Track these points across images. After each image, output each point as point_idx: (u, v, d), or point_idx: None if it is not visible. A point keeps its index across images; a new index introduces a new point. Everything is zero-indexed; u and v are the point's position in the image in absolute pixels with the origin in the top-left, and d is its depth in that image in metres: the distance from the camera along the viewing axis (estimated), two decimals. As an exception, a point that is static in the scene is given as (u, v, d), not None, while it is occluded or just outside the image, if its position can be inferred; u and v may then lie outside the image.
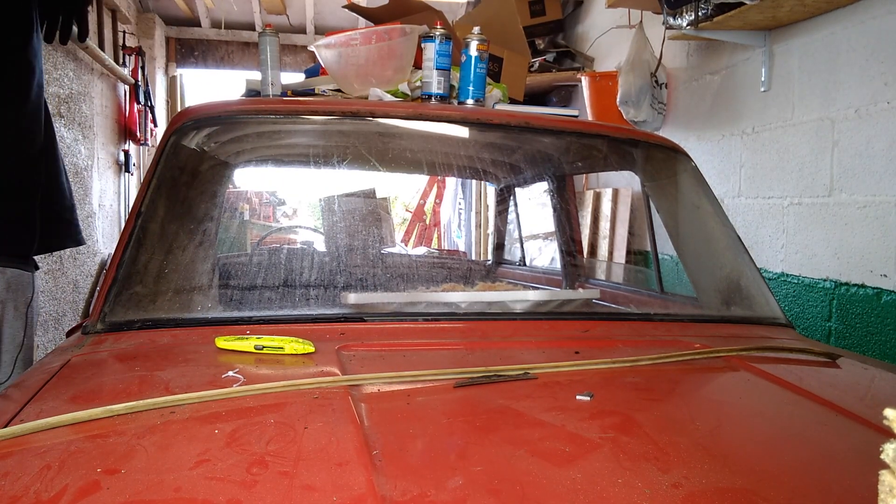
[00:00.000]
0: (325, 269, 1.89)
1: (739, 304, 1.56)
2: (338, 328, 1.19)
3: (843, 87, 2.19)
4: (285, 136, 1.78)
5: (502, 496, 0.61)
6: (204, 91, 9.16)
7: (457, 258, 3.98)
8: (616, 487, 0.63)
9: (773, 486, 0.66)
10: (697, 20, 2.44)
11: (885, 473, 0.42)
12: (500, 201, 2.94)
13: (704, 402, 0.97)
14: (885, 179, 2.03)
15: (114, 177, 5.44)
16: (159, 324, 1.18)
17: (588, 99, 3.43)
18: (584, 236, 3.70)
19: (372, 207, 2.55)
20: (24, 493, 0.59)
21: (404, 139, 1.79)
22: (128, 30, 5.68)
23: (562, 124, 1.63)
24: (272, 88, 1.66)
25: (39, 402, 0.82)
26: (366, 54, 1.65)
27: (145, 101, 5.83)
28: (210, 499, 0.58)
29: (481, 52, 1.62)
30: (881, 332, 2.04)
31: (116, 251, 1.28)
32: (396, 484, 0.62)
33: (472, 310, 1.36)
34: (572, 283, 2.42)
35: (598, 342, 1.22)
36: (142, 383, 0.90)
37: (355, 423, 0.75)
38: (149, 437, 0.71)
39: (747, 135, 2.68)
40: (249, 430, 0.73)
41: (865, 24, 2.10)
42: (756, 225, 2.62)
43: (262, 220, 5.87)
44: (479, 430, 0.76)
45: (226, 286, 1.59)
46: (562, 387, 0.93)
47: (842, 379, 1.12)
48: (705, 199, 1.68)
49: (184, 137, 1.45)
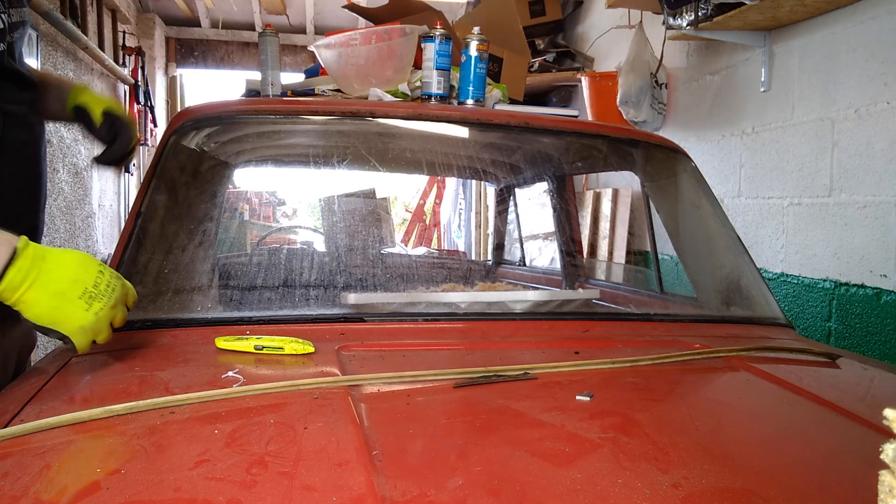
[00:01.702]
0: (325, 269, 1.89)
1: (739, 305, 1.56)
2: (338, 328, 1.19)
3: (843, 88, 2.19)
4: (285, 136, 1.78)
5: (502, 496, 0.61)
6: (204, 91, 9.17)
7: (457, 258, 3.98)
8: (616, 487, 0.63)
9: (773, 485, 0.66)
10: (697, 20, 2.45)
11: (884, 473, 0.42)
12: (499, 201, 2.94)
13: (704, 403, 0.97)
14: (885, 180, 2.03)
15: (113, 177, 5.44)
16: (159, 324, 1.18)
17: (588, 99, 3.43)
18: (583, 236, 3.70)
19: (372, 207, 2.55)
20: (24, 493, 0.59)
21: (404, 139, 1.79)
22: (128, 30, 5.68)
23: (562, 124, 1.63)
24: (272, 88, 1.66)
25: (39, 403, 0.82)
26: (366, 54, 1.65)
27: (145, 101, 5.83)
28: (210, 499, 0.58)
29: (481, 53, 1.62)
30: (881, 332, 2.04)
31: (116, 251, 1.27)
32: (396, 484, 0.62)
33: (471, 310, 1.36)
34: (572, 283, 2.42)
35: (598, 342, 1.22)
36: (142, 383, 0.90)
37: (355, 424, 0.75)
38: (149, 437, 0.71)
39: (747, 135, 2.68)
40: (249, 430, 0.73)
41: (865, 25, 2.10)
42: (756, 225, 2.62)
43: (262, 220, 5.87)
44: (479, 430, 0.76)
45: (226, 286, 1.59)
46: (562, 387, 0.93)
47: (841, 379, 1.12)
48: (705, 200, 1.68)
49: (184, 137, 1.45)
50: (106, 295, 0.88)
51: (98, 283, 0.87)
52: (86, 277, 0.87)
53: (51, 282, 0.84)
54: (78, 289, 0.85)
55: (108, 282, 0.89)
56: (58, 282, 0.84)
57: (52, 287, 0.84)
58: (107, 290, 0.88)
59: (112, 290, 0.89)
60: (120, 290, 0.91)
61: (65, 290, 0.85)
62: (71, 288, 0.85)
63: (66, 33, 3.81)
